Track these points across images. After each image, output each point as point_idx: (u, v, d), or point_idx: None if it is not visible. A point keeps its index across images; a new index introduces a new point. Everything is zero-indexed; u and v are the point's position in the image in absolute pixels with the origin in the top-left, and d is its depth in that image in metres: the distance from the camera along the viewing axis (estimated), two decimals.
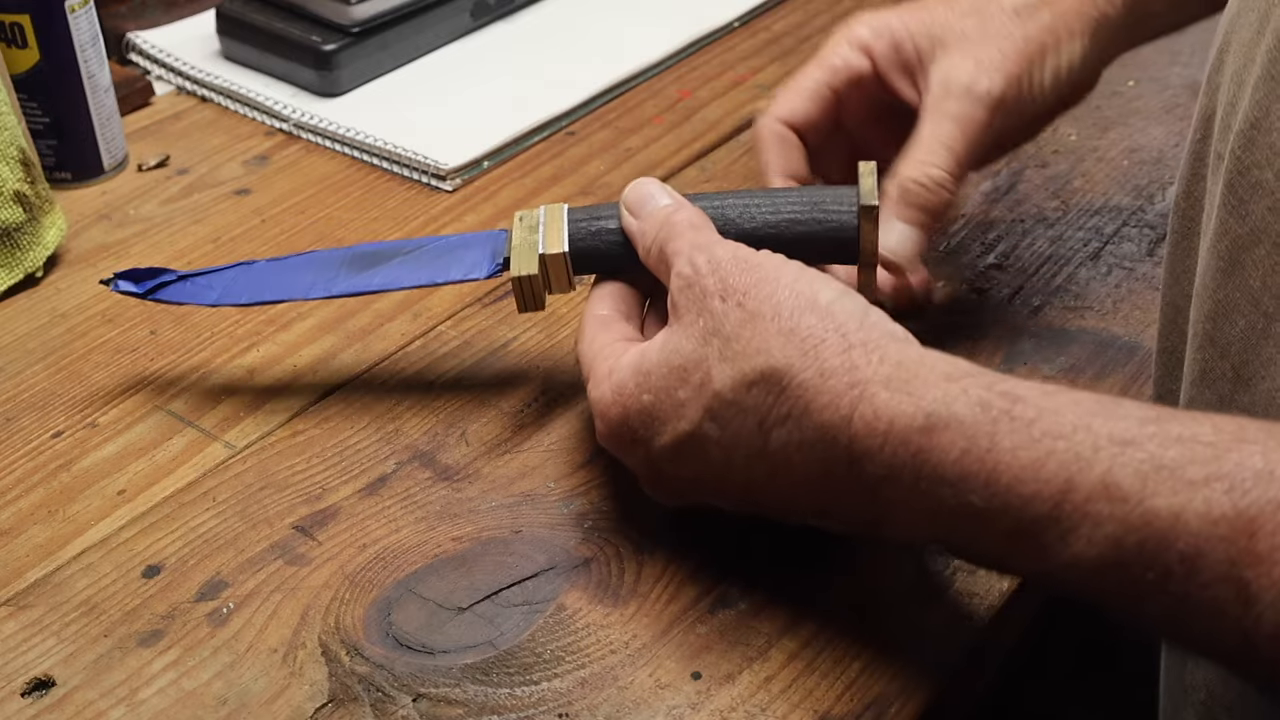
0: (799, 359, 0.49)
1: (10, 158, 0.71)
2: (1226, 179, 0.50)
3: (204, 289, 0.64)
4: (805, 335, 0.49)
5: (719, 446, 0.51)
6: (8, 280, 0.72)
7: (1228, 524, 0.39)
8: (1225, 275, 0.51)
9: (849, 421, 0.47)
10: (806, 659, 0.52)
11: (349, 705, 0.50)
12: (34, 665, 0.52)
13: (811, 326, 0.50)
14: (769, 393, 0.49)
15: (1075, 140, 0.83)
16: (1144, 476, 0.41)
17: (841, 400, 0.48)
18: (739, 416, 0.50)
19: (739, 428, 0.50)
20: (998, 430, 0.44)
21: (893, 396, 0.47)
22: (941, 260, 0.74)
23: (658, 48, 0.93)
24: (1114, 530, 0.41)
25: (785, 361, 0.49)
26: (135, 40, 0.92)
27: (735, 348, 0.50)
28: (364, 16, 0.88)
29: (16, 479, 0.61)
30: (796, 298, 0.51)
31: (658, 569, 0.56)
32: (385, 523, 0.58)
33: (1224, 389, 0.52)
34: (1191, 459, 0.41)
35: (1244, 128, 0.49)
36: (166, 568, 0.56)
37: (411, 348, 0.68)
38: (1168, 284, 0.60)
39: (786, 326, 0.50)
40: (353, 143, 0.83)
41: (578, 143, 0.85)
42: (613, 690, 0.51)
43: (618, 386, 0.54)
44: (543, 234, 0.61)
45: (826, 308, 0.50)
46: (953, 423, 0.45)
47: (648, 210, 0.58)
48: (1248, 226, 0.50)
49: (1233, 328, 0.51)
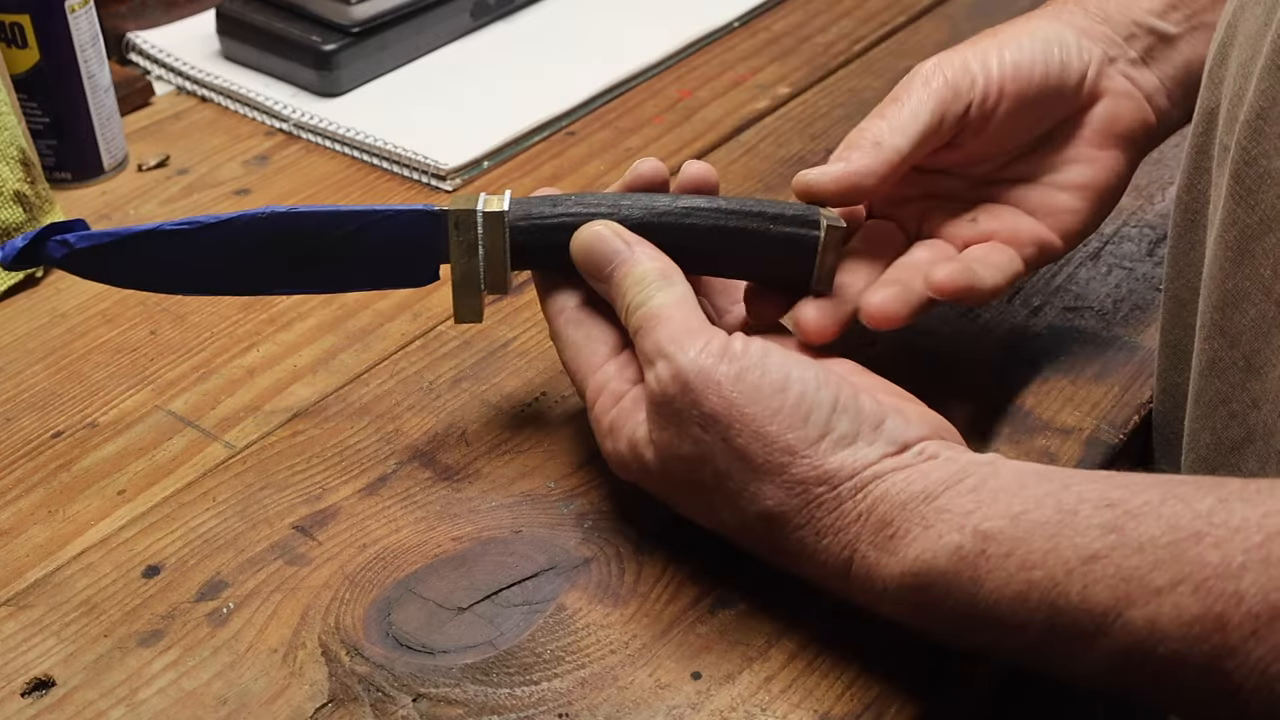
0: (795, 514, 0.50)
1: (10, 158, 0.71)
2: (1233, 170, 0.51)
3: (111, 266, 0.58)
4: (800, 490, 0.50)
5: (737, 540, 0.54)
6: (8, 280, 0.72)
7: (1199, 624, 0.41)
8: (1235, 265, 0.51)
9: (847, 577, 0.50)
10: (806, 659, 0.52)
11: (349, 705, 0.50)
12: (34, 665, 0.52)
13: (803, 479, 0.50)
14: (774, 531, 0.51)
15: None
16: (1115, 591, 0.43)
17: (836, 559, 0.50)
18: (752, 536, 0.52)
19: (754, 541, 0.53)
20: (978, 573, 0.46)
21: (879, 557, 0.49)
22: None
23: (658, 48, 0.93)
24: (1104, 644, 0.44)
25: (781, 515, 0.50)
26: (135, 40, 0.92)
27: (731, 486, 0.51)
28: (364, 16, 0.88)
29: (16, 479, 0.61)
30: (783, 436, 0.50)
31: (658, 569, 0.56)
32: (385, 523, 0.58)
33: (1235, 378, 0.52)
34: (1154, 565, 0.43)
35: (1250, 118, 0.50)
36: (166, 568, 0.56)
37: (411, 348, 0.68)
38: (1170, 278, 0.60)
39: (779, 480, 0.50)
40: (353, 143, 0.83)
41: (578, 143, 0.85)
42: (613, 690, 0.51)
43: (619, 459, 0.55)
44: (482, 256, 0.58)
45: (815, 449, 0.50)
46: (936, 577, 0.47)
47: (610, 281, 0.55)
48: (1257, 215, 0.50)
49: (1243, 317, 0.51)
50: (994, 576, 0.46)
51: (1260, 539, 0.41)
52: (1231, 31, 0.53)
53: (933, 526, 0.47)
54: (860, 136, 0.59)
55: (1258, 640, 0.40)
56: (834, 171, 0.58)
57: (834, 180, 0.58)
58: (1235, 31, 0.53)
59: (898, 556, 0.48)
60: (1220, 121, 0.53)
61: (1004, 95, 0.61)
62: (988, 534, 0.46)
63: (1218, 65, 0.54)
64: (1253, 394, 0.51)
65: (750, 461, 0.50)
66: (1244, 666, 0.41)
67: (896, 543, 0.48)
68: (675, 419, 0.51)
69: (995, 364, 0.66)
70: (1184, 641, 0.42)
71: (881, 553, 0.48)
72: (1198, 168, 0.56)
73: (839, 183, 0.58)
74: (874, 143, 0.59)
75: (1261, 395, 0.51)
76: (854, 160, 0.58)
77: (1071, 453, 0.61)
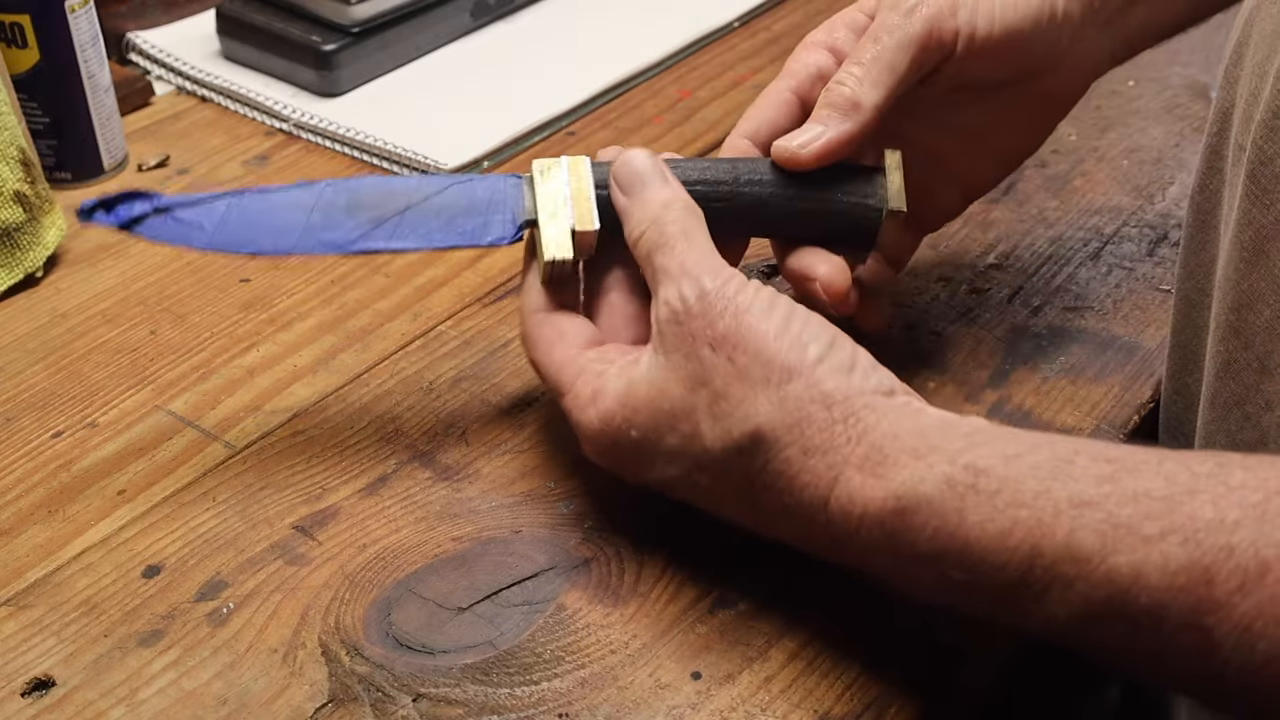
0: (785, 432, 0.50)
1: (10, 158, 0.71)
2: (1248, 170, 0.50)
3: (192, 227, 0.58)
4: (793, 405, 0.50)
5: (709, 492, 0.53)
6: (8, 280, 0.72)
7: (1185, 575, 0.41)
8: (1249, 266, 0.51)
9: (826, 503, 0.49)
10: (806, 659, 0.52)
11: (349, 705, 0.50)
12: (34, 665, 0.52)
13: (799, 395, 0.50)
14: (756, 459, 0.50)
15: (1075, 140, 0.83)
16: (1103, 536, 0.42)
17: (820, 481, 0.49)
18: (727, 474, 0.51)
19: (727, 483, 0.52)
20: (965, 505, 0.45)
21: (866, 480, 0.48)
22: (941, 260, 0.74)
23: (658, 48, 0.93)
24: (1082, 589, 0.43)
25: (771, 432, 0.50)
26: (135, 40, 0.92)
27: (724, 406, 0.51)
28: (364, 16, 0.88)
29: (16, 479, 0.61)
30: (784, 356, 0.50)
31: (658, 569, 0.56)
32: (385, 523, 0.58)
33: (1249, 379, 0.52)
34: (1146, 514, 0.42)
35: (1266, 118, 0.49)
36: (166, 568, 0.56)
37: (411, 348, 0.68)
38: (1182, 278, 0.59)
39: (775, 395, 0.50)
40: (353, 143, 0.83)
41: (578, 143, 0.85)
42: (613, 690, 0.51)
43: (604, 415, 0.54)
44: (570, 205, 0.58)
45: (812, 370, 0.50)
46: (922, 504, 0.46)
47: (639, 196, 0.57)
48: (1272, 216, 0.50)
49: (1258, 318, 0.51)
50: (980, 510, 0.45)
51: (1258, 498, 0.41)
52: (1247, 31, 0.53)
53: (924, 457, 0.47)
54: (839, 95, 0.59)
55: (1244, 595, 0.40)
56: (814, 147, 0.59)
57: (814, 155, 0.59)
58: (1250, 31, 0.53)
59: (884, 480, 0.47)
60: (1235, 121, 0.53)
61: (985, 56, 0.60)
62: (980, 469, 0.46)
63: (1233, 65, 0.54)
64: (1267, 396, 0.51)
65: (749, 379, 0.50)
66: (1226, 622, 0.40)
67: (885, 468, 0.47)
68: (686, 339, 0.52)
69: (995, 364, 0.66)
70: (1167, 592, 0.41)
71: (868, 477, 0.48)
72: (1211, 168, 0.56)
73: (819, 156, 0.59)
74: (852, 104, 0.58)
75: (1275, 397, 0.51)
76: (832, 127, 0.58)
77: None
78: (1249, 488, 0.41)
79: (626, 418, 0.53)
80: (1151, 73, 0.89)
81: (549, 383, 0.57)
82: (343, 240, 0.58)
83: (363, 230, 0.59)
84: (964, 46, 0.59)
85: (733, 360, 0.51)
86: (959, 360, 0.67)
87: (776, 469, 0.50)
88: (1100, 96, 0.87)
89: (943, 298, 0.71)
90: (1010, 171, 0.67)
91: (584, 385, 0.55)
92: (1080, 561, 0.43)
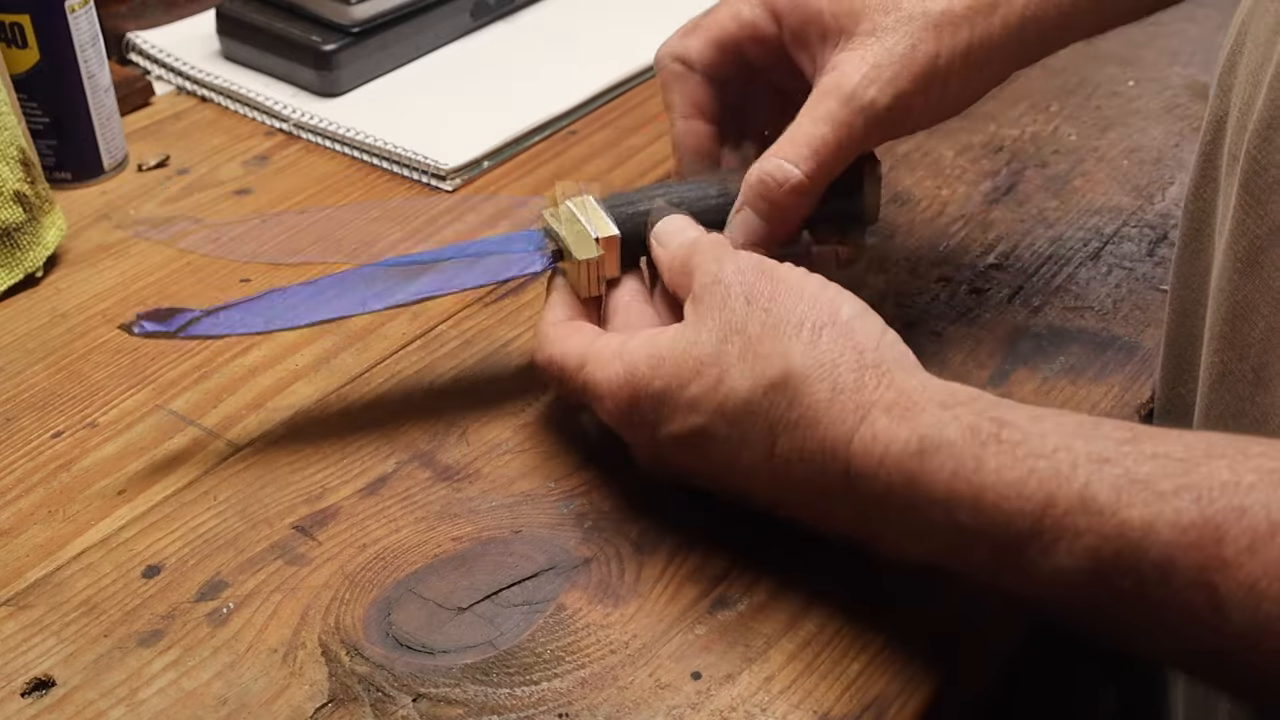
0: (815, 370, 0.50)
1: (10, 158, 0.71)
2: (1242, 179, 0.50)
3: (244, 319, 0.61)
4: (825, 349, 0.51)
5: (726, 444, 0.52)
6: (8, 280, 0.72)
7: (1196, 531, 0.41)
8: (1244, 275, 0.51)
9: (849, 442, 0.49)
10: (806, 659, 0.52)
11: (349, 705, 0.50)
12: (34, 665, 0.52)
13: (832, 340, 0.51)
14: (782, 399, 0.51)
15: (1075, 140, 0.83)
16: (1119, 490, 0.43)
17: (846, 420, 0.49)
18: (750, 418, 0.51)
19: (748, 428, 0.52)
20: (985, 453, 0.46)
21: (891, 422, 0.48)
22: (941, 260, 0.74)
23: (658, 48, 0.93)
24: (1092, 541, 0.43)
25: (803, 370, 0.50)
26: (135, 40, 0.92)
27: (757, 350, 0.51)
28: (364, 16, 0.88)
29: (16, 479, 0.61)
30: (819, 312, 0.52)
31: (658, 569, 0.56)
32: (385, 523, 0.58)
33: (1243, 390, 0.52)
34: (1164, 473, 0.43)
35: (1260, 127, 0.49)
36: (166, 568, 0.56)
37: (411, 348, 0.68)
38: (1176, 287, 0.59)
39: (808, 338, 0.51)
40: (353, 143, 0.83)
41: (578, 143, 0.85)
42: (613, 690, 0.51)
43: (629, 367, 0.54)
44: (587, 222, 0.61)
45: (847, 324, 0.52)
46: (944, 446, 0.47)
47: (675, 241, 0.59)
48: (1266, 225, 0.49)
49: (1252, 329, 0.51)
50: (999, 458, 0.45)
51: (1275, 464, 0.41)
52: (1241, 38, 0.53)
53: (951, 408, 0.48)
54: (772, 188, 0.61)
55: (1252, 554, 0.40)
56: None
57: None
58: (1244, 38, 0.53)
59: (909, 423, 0.48)
60: (1229, 129, 0.53)
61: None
62: (1005, 422, 0.46)
63: (1227, 72, 0.54)
64: (1262, 407, 0.51)
65: (783, 329, 0.51)
66: (1232, 581, 0.40)
67: (912, 413, 0.48)
68: (720, 298, 0.53)
69: (995, 364, 0.66)
70: (1177, 547, 0.41)
71: (894, 419, 0.48)
72: (1205, 175, 0.56)
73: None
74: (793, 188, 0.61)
75: (1270, 409, 0.51)
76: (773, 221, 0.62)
77: None
78: (1267, 456, 0.42)
79: (652, 367, 0.54)
80: (1152, 73, 0.89)
81: (567, 366, 0.57)
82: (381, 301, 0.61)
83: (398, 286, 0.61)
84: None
85: (768, 310, 0.52)
86: (959, 360, 0.67)
87: (803, 407, 0.50)
88: (1100, 96, 0.87)
89: (943, 298, 0.71)
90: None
91: (604, 346, 0.56)
92: (1093, 513, 0.43)
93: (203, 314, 0.60)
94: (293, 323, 0.61)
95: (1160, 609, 0.42)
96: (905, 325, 0.69)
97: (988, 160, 0.81)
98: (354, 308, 0.61)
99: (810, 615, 0.54)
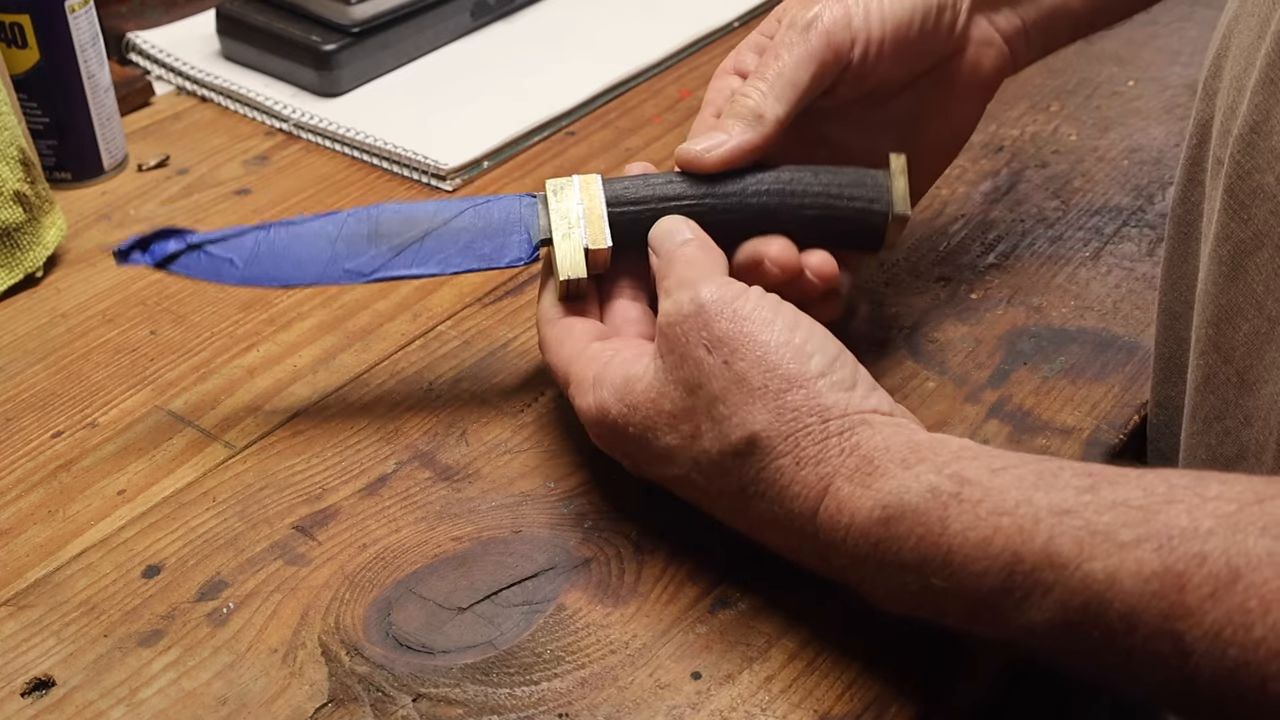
0: (780, 442, 0.50)
1: (10, 158, 0.71)
2: (1227, 184, 0.50)
3: (224, 264, 0.60)
4: (790, 416, 0.50)
5: (704, 492, 0.54)
6: (8, 280, 0.72)
7: (1158, 580, 0.41)
8: (1228, 280, 0.51)
9: (815, 514, 0.50)
10: (806, 659, 0.52)
11: (349, 705, 0.51)
12: (34, 665, 0.52)
13: (797, 407, 0.51)
14: (750, 463, 0.51)
15: (1075, 140, 0.83)
16: (1080, 543, 0.43)
17: (811, 491, 0.50)
18: (723, 477, 0.52)
19: (722, 485, 0.52)
20: (948, 514, 0.46)
21: (854, 491, 0.49)
22: (941, 260, 0.74)
23: (658, 48, 0.93)
24: (1060, 595, 0.43)
25: (768, 439, 0.51)
26: (135, 40, 0.92)
27: (722, 410, 0.51)
28: (364, 16, 0.88)
29: (16, 479, 0.61)
30: (784, 368, 0.51)
31: (658, 569, 0.56)
32: (385, 523, 0.58)
33: (1228, 394, 0.52)
34: (1124, 523, 0.43)
35: (1244, 132, 0.49)
36: (166, 568, 0.56)
37: (411, 348, 0.68)
38: (1164, 290, 0.60)
39: (773, 404, 0.51)
40: (353, 143, 0.83)
41: (578, 143, 0.85)
42: (613, 690, 0.51)
43: (600, 405, 0.55)
44: (583, 224, 0.60)
45: (814, 384, 0.51)
46: (907, 512, 0.47)
47: (664, 248, 0.58)
48: (1250, 231, 0.50)
49: (1236, 333, 0.51)
50: (963, 519, 0.46)
51: (1232, 509, 0.41)
52: (1225, 44, 0.53)
53: (912, 468, 0.48)
54: (743, 105, 0.60)
55: (1215, 601, 0.40)
56: (718, 152, 0.60)
57: (717, 160, 0.60)
58: (1229, 44, 0.53)
59: (872, 490, 0.48)
60: (1214, 135, 0.53)
61: (882, 56, 0.62)
62: (965, 479, 0.46)
63: (1212, 78, 0.54)
64: (1246, 410, 0.51)
65: (748, 385, 0.51)
66: (1197, 629, 0.40)
67: (874, 479, 0.48)
68: (683, 342, 0.52)
69: (995, 364, 0.66)
70: (1140, 597, 0.41)
71: (857, 487, 0.48)
72: (1192, 180, 0.56)
73: (723, 161, 0.60)
74: (756, 115, 0.60)
75: (1254, 412, 0.51)
76: (735, 135, 0.60)
77: (1071, 453, 0.61)
78: (1224, 499, 0.42)
79: (623, 415, 0.54)
80: (1152, 73, 0.89)
81: (559, 377, 0.58)
82: (366, 269, 0.61)
83: (384, 259, 0.61)
84: (860, 52, 0.61)
85: (729, 364, 0.51)
86: (959, 360, 0.67)
87: (769, 477, 0.50)
88: (1100, 96, 0.87)
89: (943, 298, 0.71)
90: (949, 160, 0.69)
91: (584, 370, 0.56)
92: (1058, 567, 0.43)
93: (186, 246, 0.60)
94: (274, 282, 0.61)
95: (1129, 657, 0.42)
96: (905, 326, 0.69)
97: (988, 160, 0.81)
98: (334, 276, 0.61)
99: (810, 615, 0.54)
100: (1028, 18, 0.66)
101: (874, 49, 0.61)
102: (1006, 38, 0.66)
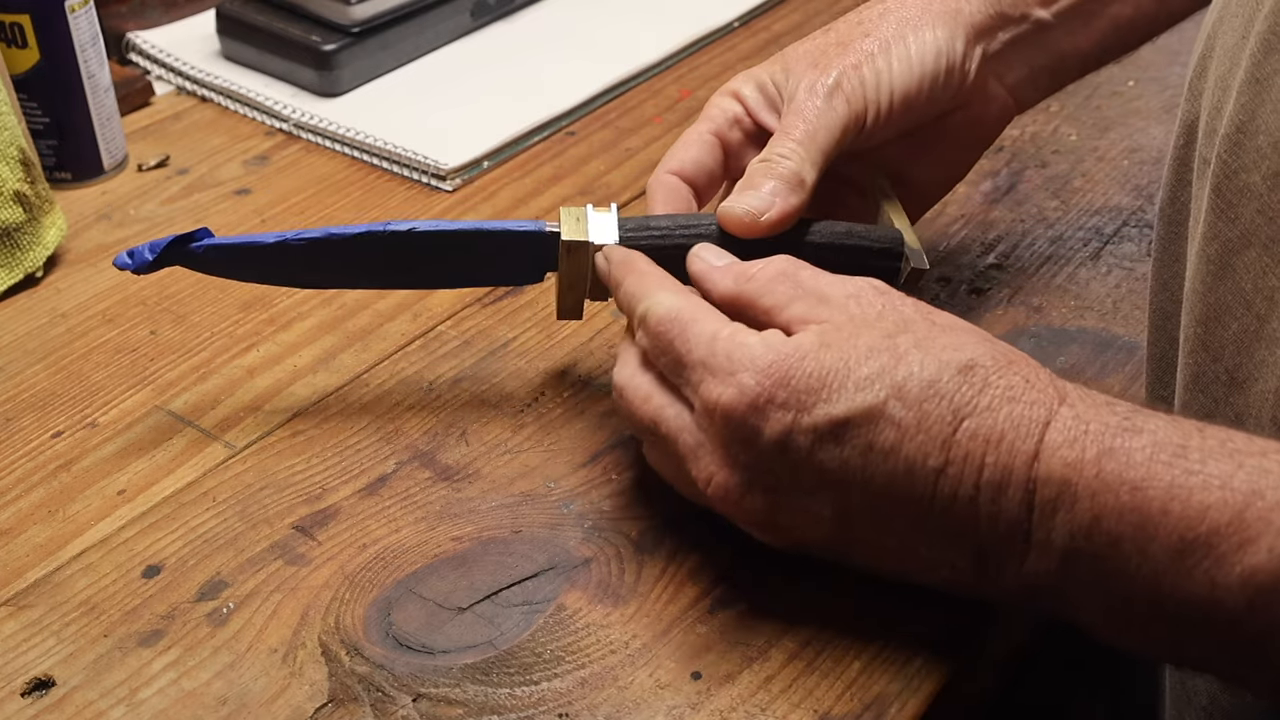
0: (1003, 362, 0.49)
1: (10, 158, 0.71)
2: (1213, 183, 0.51)
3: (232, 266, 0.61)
4: (1003, 349, 0.50)
5: (895, 429, 0.48)
6: (8, 280, 0.72)
7: None
8: (1216, 279, 0.51)
9: (1047, 422, 0.47)
10: (806, 659, 0.52)
11: (349, 705, 0.51)
12: (34, 665, 0.52)
13: (1003, 348, 0.50)
14: (971, 383, 0.48)
15: (1075, 140, 0.83)
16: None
17: (1048, 400, 0.48)
18: (934, 399, 0.48)
19: (928, 411, 0.48)
20: (1189, 442, 0.46)
21: (1088, 408, 0.47)
22: (941, 260, 0.74)
23: (658, 48, 0.93)
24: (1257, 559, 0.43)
25: (991, 362, 0.49)
26: (135, 40, 0.92)
27: (935, 342, 0.50)
28: (364, 16, 0.88)
29: (16, 479, 0.61)
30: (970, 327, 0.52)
31: (658, 569, 0.56)
32: (385, 523, 0.58)
33: (1218, 393, 0.52)
34: None
35: (1230, 132, 0.49)
36: (166, 568, 0.56)
37: (411, 348, 0.68)
38: (1155, 290, 0.60)
39: (983, 338, 0.51)
40: (353, 143, 0.83)
41: (578, 143, 0.85)
42: (613, 690, 0.51)
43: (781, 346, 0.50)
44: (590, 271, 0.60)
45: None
46: (1146, 430, 0.46)
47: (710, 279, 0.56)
48: (1237, 230, 0.50)
49: (1225, 331, 0.51)
50: (1204, 449, 0.45)
51: None
52: (1210, 44, 0.53)
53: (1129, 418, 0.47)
54: (785, 168, 0.60)
55: None
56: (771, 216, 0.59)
57: (770, 224, 0.59)
58: (1214, 44, 0.53)
59: (1110, 408, 0.47)
60: (1200, 134, 0.53)
61: (891, 120, 0.62)
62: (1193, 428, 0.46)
63: (1197, 78, 0.54)
64: (1236, 409, 0.51)
65: (956, 329, 0.51)
66: None
67: (1117, 403, 0.48)
68: (880, 306, 0.52)
69: None
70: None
71: (1088, 406, 0.47)
72: (1179, 180, 0.56)
73: (774, 226, 0.59)
74: (799, 180, 0.60)
75: (1244, 410, 0.51)
76: (781, 199, 0.59)
77: None
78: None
79: (827, 342, 0.50)
80: (1152, 73, 0.89)
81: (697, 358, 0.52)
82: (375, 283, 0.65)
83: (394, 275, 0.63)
84: (872, 118, 0.62)
85: (933, 320, 0.52)
86: None
87: (996, 392, 0.48)
88: (1100, 97, 0.87)
89: (943, 298, 0.71)
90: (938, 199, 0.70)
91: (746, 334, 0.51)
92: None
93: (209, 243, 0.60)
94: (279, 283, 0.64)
95: None
96: None
97: (988, 160, 0.81)
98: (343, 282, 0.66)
99: (810, 615, 0.54)
100: (1037, 63, 0.66)
101: (884, 115, 0.62)
102: (1012, 88, 0.66)
